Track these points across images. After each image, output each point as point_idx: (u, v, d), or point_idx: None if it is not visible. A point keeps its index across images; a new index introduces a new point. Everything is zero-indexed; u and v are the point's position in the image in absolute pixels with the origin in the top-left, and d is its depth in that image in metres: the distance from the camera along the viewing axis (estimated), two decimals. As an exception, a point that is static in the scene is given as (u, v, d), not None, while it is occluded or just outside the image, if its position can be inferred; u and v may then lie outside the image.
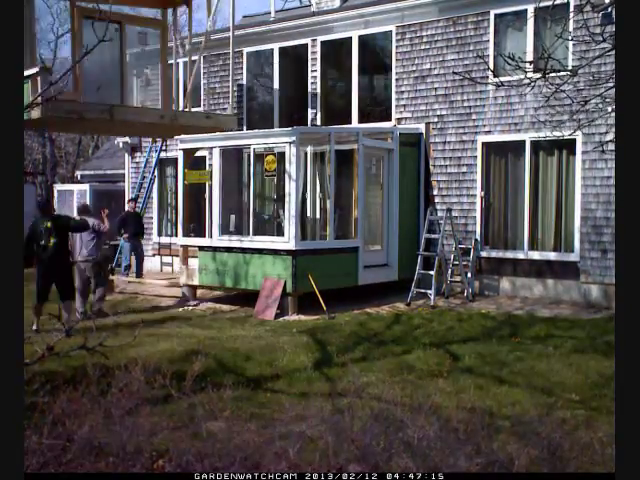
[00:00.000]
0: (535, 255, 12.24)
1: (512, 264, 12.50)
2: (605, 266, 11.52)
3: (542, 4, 9.72)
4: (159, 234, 17.30)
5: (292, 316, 10.78)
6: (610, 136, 10.42)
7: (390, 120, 13.76)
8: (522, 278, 12.40)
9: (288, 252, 10.99)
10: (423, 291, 11.75)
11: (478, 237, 12.73)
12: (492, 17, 12.58)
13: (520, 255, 12.38)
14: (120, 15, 13.40)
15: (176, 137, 13.73)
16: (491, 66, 12.24)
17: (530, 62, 6.74)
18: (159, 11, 15.00)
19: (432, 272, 11.74)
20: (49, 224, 9.60)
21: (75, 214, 10.75)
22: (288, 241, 10.97)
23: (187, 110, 14.40)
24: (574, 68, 6.93)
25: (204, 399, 5.14)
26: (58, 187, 22.52)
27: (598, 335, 9.15)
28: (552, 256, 12.09)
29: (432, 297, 11.51)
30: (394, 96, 13.73)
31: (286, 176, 11.16)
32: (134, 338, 5.86)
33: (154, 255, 17.26)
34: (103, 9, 12.16)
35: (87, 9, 12.03)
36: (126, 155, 18.27)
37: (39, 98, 7.62)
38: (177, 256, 14.44)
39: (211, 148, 12.53)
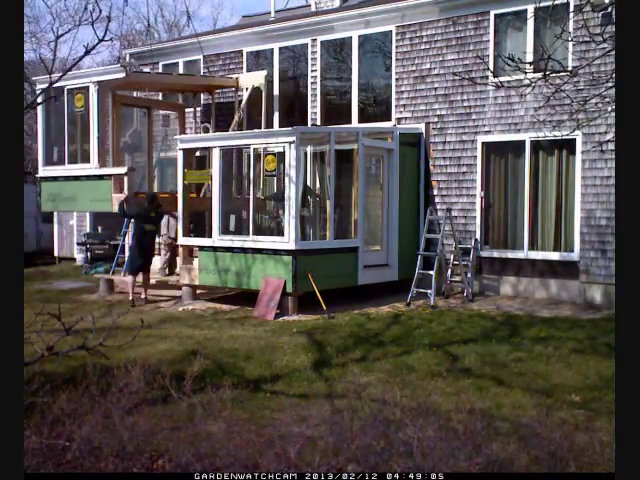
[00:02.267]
0: (535, 255, 12.24)
1: (512, 264, 12.50)
2: (605, 266, 11.52)
3: (542, 4, 9.74)
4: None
5: (292, 316, 10.78)
6: (609, 136, 10.42)
7: (390, 120, 13.76)
8: (522, 278, 12.40)
9: (288, 252, 10.98)
10: (423, 291, 11.75)
11: (478, 237, 12.74)
12: (492, 17, 12.59)
13: (520, 255, 12.38)
14: (148, 101, 15.12)
15: (176, 137, 13.72)
16: (491, 66, 12.25)
17: (530, 63, 6.73)
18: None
19: (432, 272, 11.73)
20: (153, 214, 12.48)
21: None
22: (288, 241, 10.97)
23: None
24: (574, 69, 6.93)
25: (204, 399, 5.14)
26: None
27: (598, 335, 9.14)
28: (552, 256, 12.09)
29: (432, 297, 11.51)
30: (394, 96, 13.73)
31: (286, 176, 11.16)
32: (133, 338, 5.86)
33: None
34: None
35: (123, 97, 14.32)
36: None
37: (39, 98, 7.63)
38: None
39: (211, 148, 12.52)
